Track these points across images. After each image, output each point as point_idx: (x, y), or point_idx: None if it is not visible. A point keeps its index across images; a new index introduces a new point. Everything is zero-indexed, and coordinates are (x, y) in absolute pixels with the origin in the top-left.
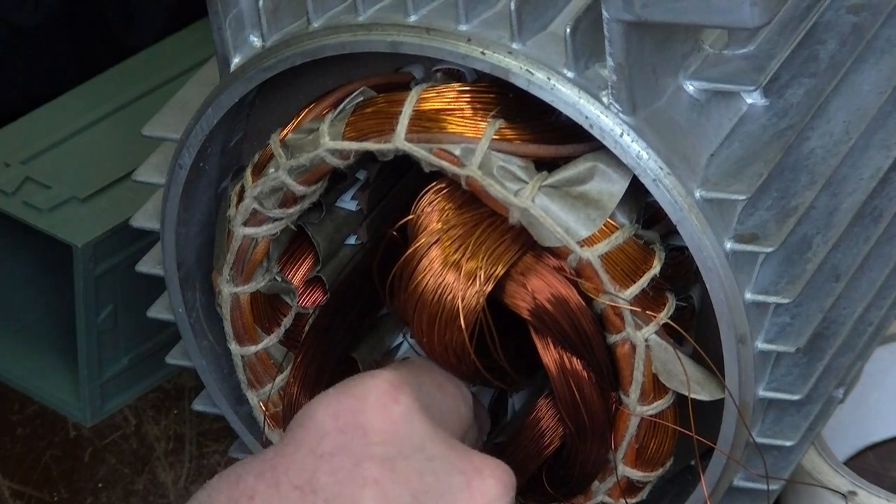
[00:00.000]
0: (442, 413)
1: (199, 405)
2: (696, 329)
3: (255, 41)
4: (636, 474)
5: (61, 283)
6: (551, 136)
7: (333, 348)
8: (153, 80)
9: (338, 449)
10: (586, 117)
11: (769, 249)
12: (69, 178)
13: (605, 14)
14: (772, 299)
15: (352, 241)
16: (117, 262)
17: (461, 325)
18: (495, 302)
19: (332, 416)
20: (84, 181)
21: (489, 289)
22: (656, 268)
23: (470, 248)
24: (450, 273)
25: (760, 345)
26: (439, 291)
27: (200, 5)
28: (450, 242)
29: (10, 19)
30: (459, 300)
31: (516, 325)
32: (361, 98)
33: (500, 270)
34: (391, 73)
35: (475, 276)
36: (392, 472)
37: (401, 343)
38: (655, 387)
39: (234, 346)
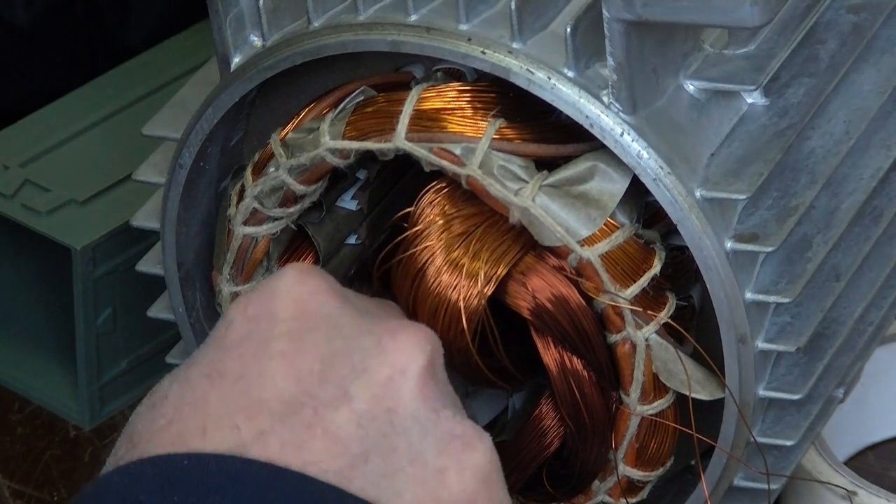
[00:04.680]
0: (366, 305)
1: None
2: (696, 329)
3: (256, 41)
4: (636, 474)
5: (60, 286)
6: (552, 136)
7: None
8: (152, 82)
9: (245, 336)
10: (587, 117)
11: (769, 249)
12: (68, 180)
13: (605, 13)
14: (772, 299)
15: (352, 240)
16: (116, 265)
17: (463, 327)
18: (497, 301)
19: (241, 310)
20: (83, 184)
21: (491, 290)
22: (657, 267)
23: (471, 248)
24: (451, 274)
25: (761, 344)
26: (441, 292)
27: (197, 4)
28: (450, 242)
29: (3, 17)
30: (461, 301)
31: (519, 324)
32: (362, 97)
33: (501, 271)
34: (391, 73)
35: (476, 277)
36: (300, 343)
37: None
38: (656, 386)
39: None
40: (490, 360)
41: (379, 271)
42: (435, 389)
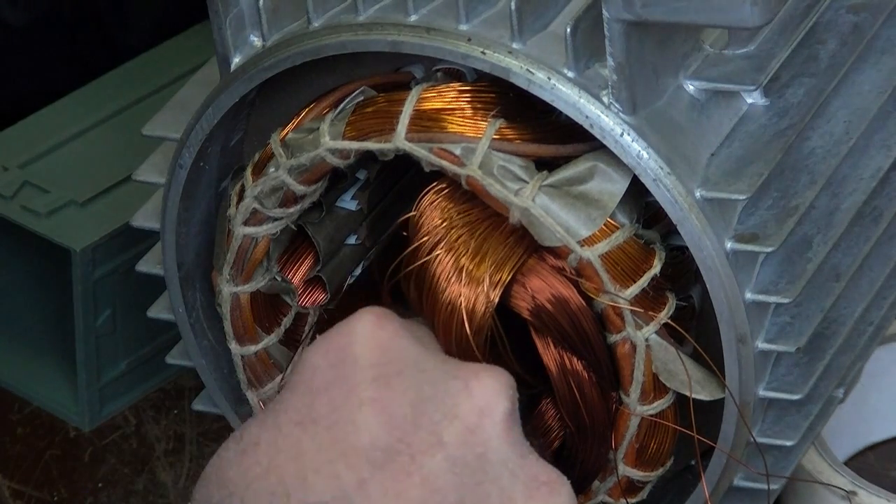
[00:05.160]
0: (436, 346)
1: (199, 405)
2: (696, 329)
3: (256, 41)
4: (636, 474)
5: (60, 288)
6: (552, 136)
7: None
8: (152, 84)
9: (332, 381)
10: (587, 117)
11: (769, 249)
12: (68, 181)
13: (605, 14)
14: (772, 299)
15: (352, 240)
16: (116, 266)
17: (470, 336)
18: (499, 303)
19: (322, 355)
20: (82, 185)
21: (497, 296)
22: (657, 267)
23: (474, 252)
24: (459, 282)
25: (761, 344)
26: (451, 301)
27: (195, 6)
28: (453, 246)
29: (2, 19)
30: (468, 310)
31: (523, 325)
32: (362, 97)
33: (506, 277)
34: (391, 73)
35: (482, 284)
36: (388, 388)
37: None
38: (656, 386)
39: (234, 346)
40: (498, 364)
41: (389, 284)
42: (518, 432)
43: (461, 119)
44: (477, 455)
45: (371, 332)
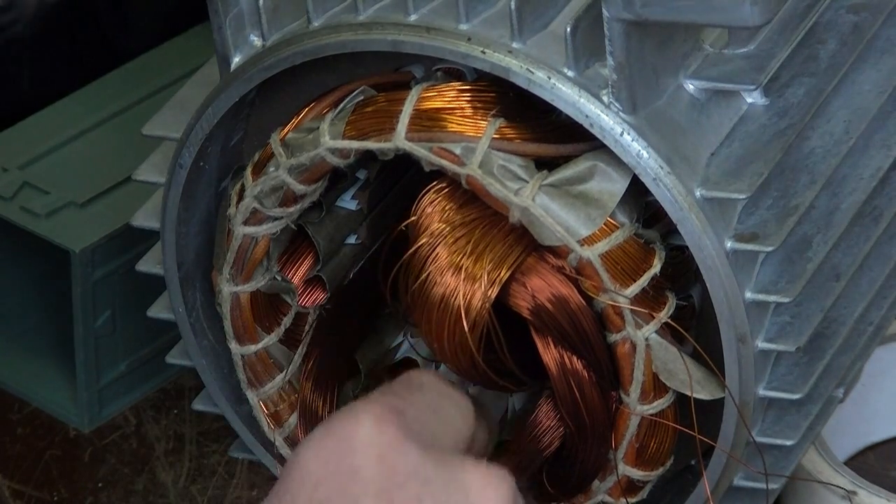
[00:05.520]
0: (434, 434)
1: (199, 405)
2: (696, 328)
3: (256, 40)
4: (636, 473)
5: (59, 289)
6: (552, 136)
7: (343, 347)
8: (151, 85)
9: (333, 494)
10: (587, 116)
11: (769, 249)
12: (67, 183)
13: (605, 13)
14: (772, 298)
15: (352, 240)
16: (115, 267)
17: (466, 331)
18: (499, 304)
19: (322, 464)
20: (82, 186)
21: (494, 294)
22: (656, 267)
23: (473, 250)
24: (455, 278)
25: (761, 344)
26: (445, 296)
27: (194, 8)
28: (453, 244)
29: (2, 22)
30: (465, 305)
31: (522, 326)
32: (362, 97)
33: (504, 274)
34: (391, 72)
35: (480, 282)
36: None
37: (401, 343)
38: (656, 386)
39: (233, 346)
40: (495, 363)
41: (389, 287)
42: None
43: (461, 118)
44: None
45: (371, 439)
